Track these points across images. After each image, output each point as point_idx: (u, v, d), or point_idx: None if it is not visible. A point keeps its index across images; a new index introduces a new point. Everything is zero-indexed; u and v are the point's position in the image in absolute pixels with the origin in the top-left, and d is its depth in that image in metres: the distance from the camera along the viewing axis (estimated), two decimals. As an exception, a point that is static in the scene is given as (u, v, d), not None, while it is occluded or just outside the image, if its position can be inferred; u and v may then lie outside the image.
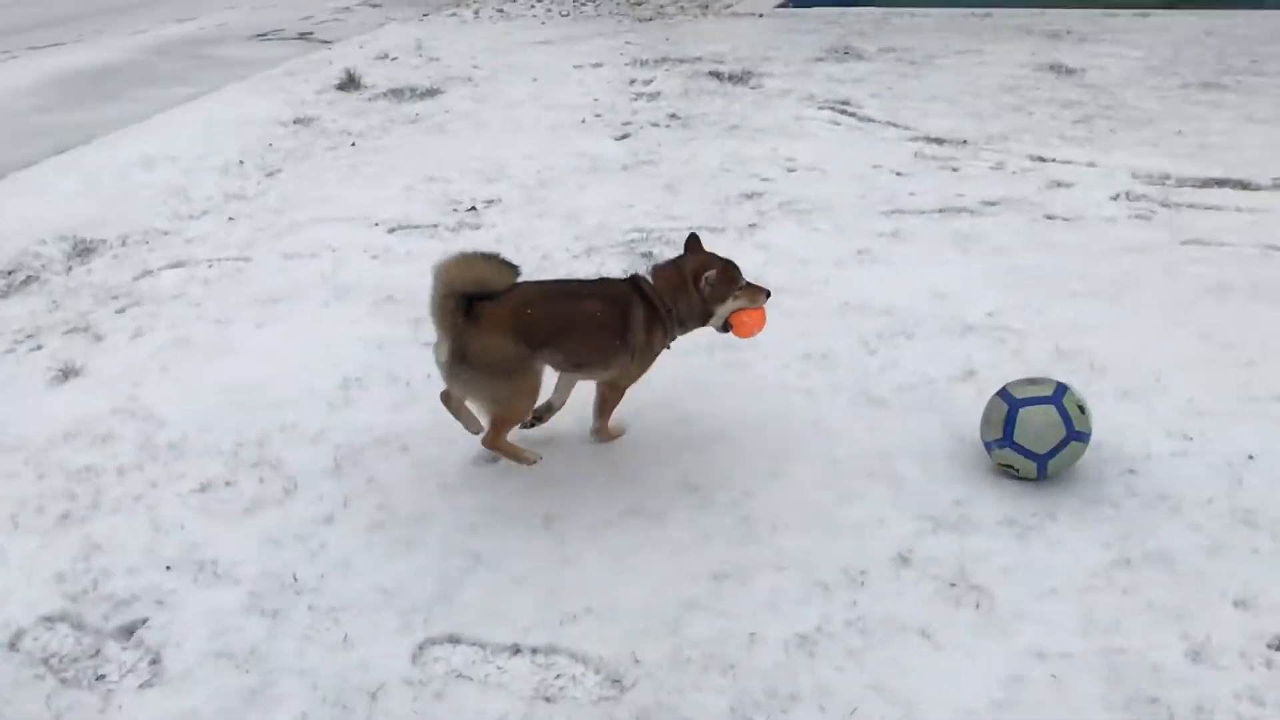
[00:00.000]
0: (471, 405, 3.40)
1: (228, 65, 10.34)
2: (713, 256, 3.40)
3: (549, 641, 2.72)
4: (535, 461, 3.45)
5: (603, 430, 3.57)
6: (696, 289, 3.31)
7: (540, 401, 3.45)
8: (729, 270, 3.36)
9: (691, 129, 7.20)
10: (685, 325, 3.42)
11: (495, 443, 3.40)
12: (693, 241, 3.48)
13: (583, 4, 13.12)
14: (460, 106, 8.11)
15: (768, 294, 3.42)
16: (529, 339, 3.20)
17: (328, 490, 3.39)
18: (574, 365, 3.43)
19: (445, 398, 3.43)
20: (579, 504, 3.27)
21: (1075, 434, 3.13)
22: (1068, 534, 3.01)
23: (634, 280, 3.44)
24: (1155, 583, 2.80)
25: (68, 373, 4.19)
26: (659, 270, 3.43)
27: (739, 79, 8.53)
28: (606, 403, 3.53)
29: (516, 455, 3.44)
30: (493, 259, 3.23)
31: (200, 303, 4.82)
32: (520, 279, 3.26)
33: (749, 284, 3.41)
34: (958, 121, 7.02)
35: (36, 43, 11.82)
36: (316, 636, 2.77)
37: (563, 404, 3.62)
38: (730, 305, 3.39)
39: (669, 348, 3.46)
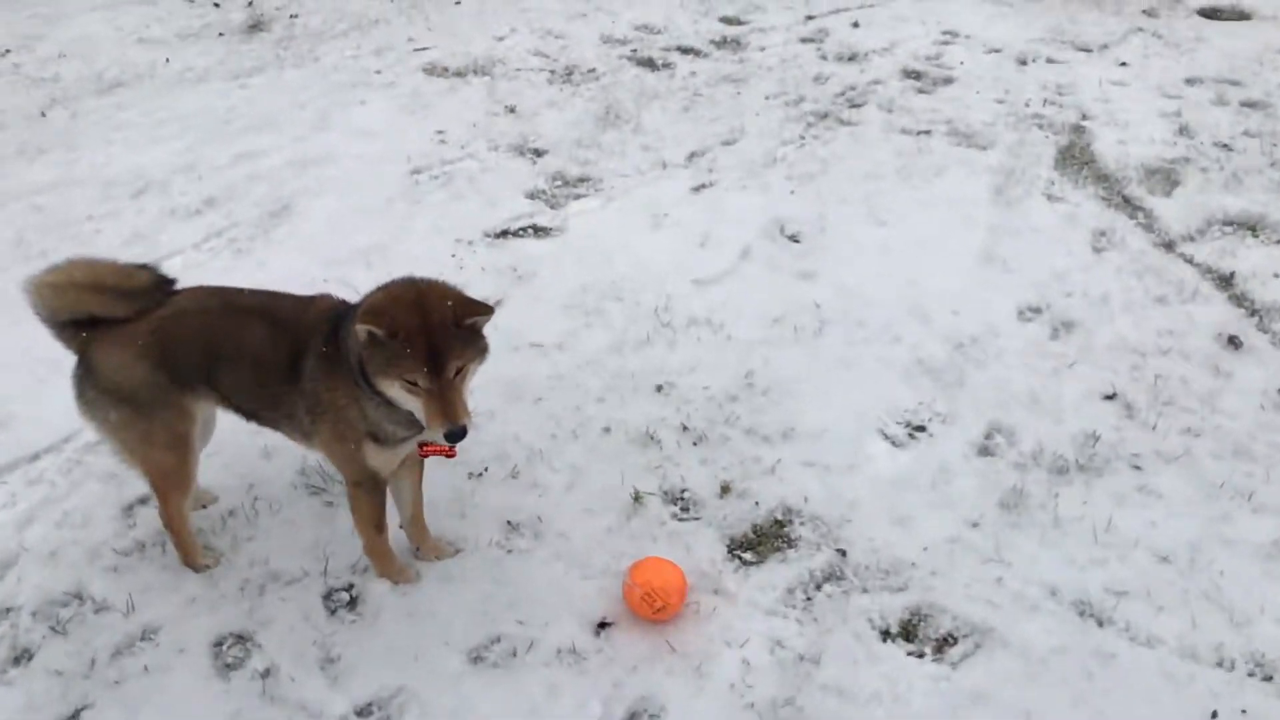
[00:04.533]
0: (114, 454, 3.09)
1: None
2: (398, 303, 2.62)
3: None
4: (200, 568, 3.25)
5: (367, 550, 3.22)
6: (359, 321, 2.60)
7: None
8: (401, 347, 2.56)
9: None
10: (360, 380, 2.73)
11: (165, 519, 3.18)
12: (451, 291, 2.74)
13: None
14: None
15: (452, 434, 2.61)
16: (171, 365, 2.90)
17: None
18: (243, 411, 3.07)
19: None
20: None
21: None
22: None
23: (338, 303, 2.96)
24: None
25: None
26: (377, 293, 2.75)
27: None
28: (353, 508, 3.10)
29: (184, 549, 3.24)
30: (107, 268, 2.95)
31: None
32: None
33: (435, 391, 2.59)
34: None
35: None
36: None
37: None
38: (398, 393, 2.65)
39: (404, 434, 2.84)
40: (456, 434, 2.61)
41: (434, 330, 2.58)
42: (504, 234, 5.13)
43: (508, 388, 4.02)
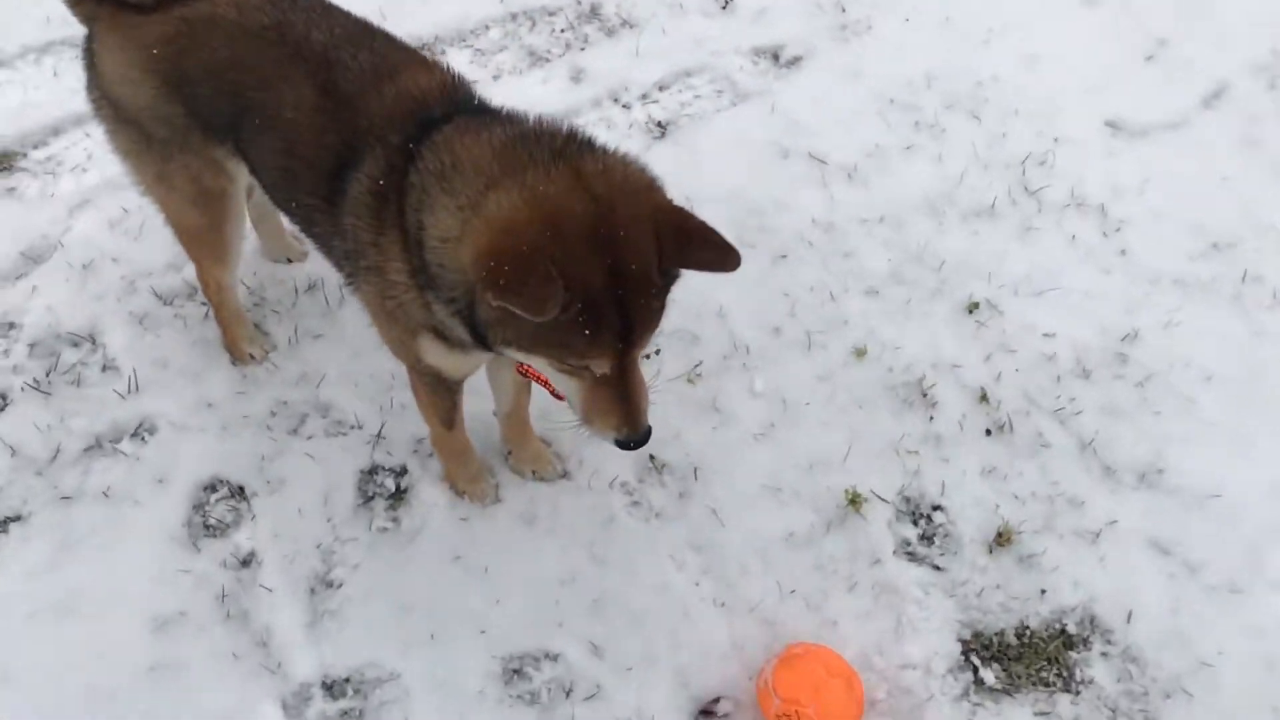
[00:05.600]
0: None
1: None
2: (561, 235, 1.38)
3: None
4: (242, 359, 2.33)
5: (434, 443, 2.16)
6: (480, 274, 1.39)
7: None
8: (575, 325, 1.40)
9: None
10: (441, 292, 1.56)
11: (202, 287, 2.29)
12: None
13: None
14: None
15: (628, 443, 1.60)
16: (189, 97, 1.83)
17: None
18: (277, 200, 1.97)
19: None
20: None
21: None
22: None
23: (435, 91, 1.70)
24: None
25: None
26: (507, 185, 1.46)
27: None
28: (413, 390, 2.02)
29: (227, 329, 2.33)
30: None
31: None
32: None
33: (611, 379, 1.53)
34: None
35: None
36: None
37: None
38: (544, 368, 1.58)
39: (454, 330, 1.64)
40: (637, 443, 1.61)
41: (630, 291, 1.42)
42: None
43: (743, 217, 2.62)
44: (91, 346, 2.39)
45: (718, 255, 1.45)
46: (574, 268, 1.38)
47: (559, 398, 1.77)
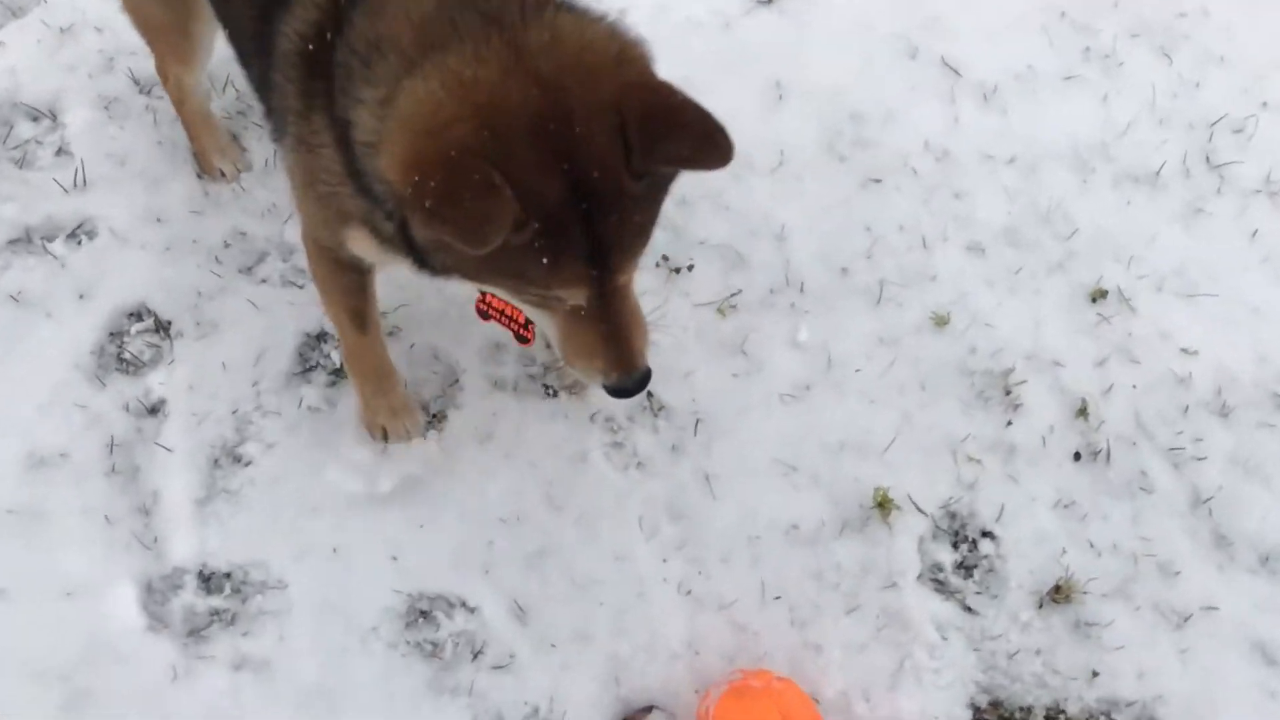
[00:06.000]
0: None
1: None
2: (503, 133, 1.00)
3: None
4: (211, 173, 1.96)
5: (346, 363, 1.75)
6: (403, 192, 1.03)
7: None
8: (530, 248, 1.05)
9: None
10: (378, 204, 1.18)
11: (161, 80, 1.90)
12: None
13: None
14: None
15: (621, 389, 1.28)
16: None
17: None
18: (220, 19, 1.59)
19: None
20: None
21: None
22: None
23: None
24: None
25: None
26: (429, 71, 1.07)
27: None
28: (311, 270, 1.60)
29: (195, 137, 1.94)
30: None
31: None
32: None
33: (592, 311, 1.18)
34: None
35: None
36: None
37: None
38: (510, 297, 1.26)
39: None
40: (630, 389, 1.29)
41: (597, 203, 1.05)
42: None
43: (839, 123, 2.11)
44: (51, 124, 2.06)
45: (696, 145, 1.02)
46: (520, 176, 0.99)
47: (522, 341, 1.43)
